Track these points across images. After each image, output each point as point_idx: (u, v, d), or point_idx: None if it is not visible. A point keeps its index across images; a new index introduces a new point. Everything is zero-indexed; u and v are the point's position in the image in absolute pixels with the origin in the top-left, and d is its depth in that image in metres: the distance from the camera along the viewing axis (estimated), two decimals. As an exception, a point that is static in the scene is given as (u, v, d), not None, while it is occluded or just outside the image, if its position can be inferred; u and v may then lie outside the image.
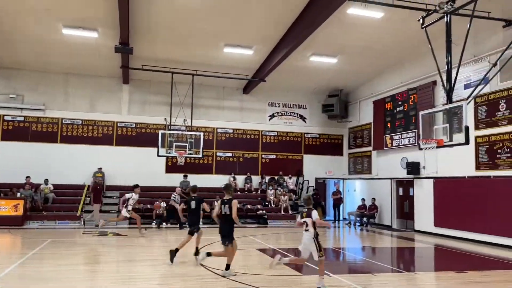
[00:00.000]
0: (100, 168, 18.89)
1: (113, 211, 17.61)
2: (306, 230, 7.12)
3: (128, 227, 16.28)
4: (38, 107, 18.90)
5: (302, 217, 7.25)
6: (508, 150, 12.74)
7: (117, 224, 16.33)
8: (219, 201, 8.40)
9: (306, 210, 7.24)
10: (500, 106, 13.08)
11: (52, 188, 17.94)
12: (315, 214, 7.11)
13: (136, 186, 14.39)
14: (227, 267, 8.01)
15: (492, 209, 12.99)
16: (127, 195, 14.10)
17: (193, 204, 9.84)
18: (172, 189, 19.37)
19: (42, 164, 18.34)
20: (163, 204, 17.55)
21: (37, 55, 17.38)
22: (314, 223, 7.07)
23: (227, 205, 7.99)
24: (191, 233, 9.68)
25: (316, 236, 7.06)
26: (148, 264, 9.42)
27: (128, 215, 14.03)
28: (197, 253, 9.55)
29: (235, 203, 7.95)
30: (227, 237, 8.04)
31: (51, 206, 17.30)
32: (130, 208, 13.91)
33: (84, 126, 19.39)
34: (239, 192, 20.08)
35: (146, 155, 19.31)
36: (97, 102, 19.68)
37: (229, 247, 8.01)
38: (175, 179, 19.62)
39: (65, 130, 19.17)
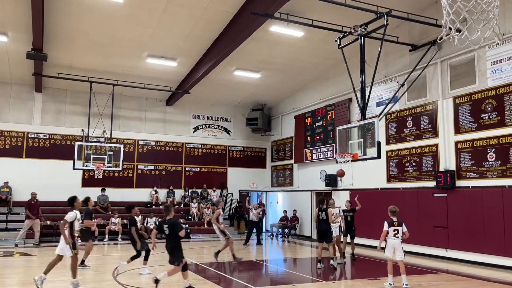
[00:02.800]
0: (7, 182, 17.35)
1: (20, 229, 16.19)
2: (397, 237, 8.57)
3: (39, 246, 15.08)
4: None
5: (392, 226, 8.61)
6: (414, 164, 13.87)
7: (25, 243, 15.10)
8: (316, 209, 11.12)
9: (397, 220, 8.72)
10: (407, 123, 14.23)
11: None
12: (404, 225, 8.71)
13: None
14: (335, 258, 10.79)
15: (400, 218, 13.97)
16: None
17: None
18: (89, 204, 18.35)
19: None
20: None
21: None
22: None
23: (324, 212, 10.84)
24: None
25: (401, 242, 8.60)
26: (58, 285, 8.77)
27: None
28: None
29: (330, 211, 10.95)
30: (328, 237, 10.86)
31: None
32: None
33: (-12, 136, 17.74)
34: (161, 207, 19.55)
35: (60, 168, 18.11)
36: (5, 111, 18.09)
37: (332, 243, 10.91)
38: (92, 193, 18.50)
39: (-35, 141, 17.40)
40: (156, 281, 7.65)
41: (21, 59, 14.72)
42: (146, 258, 9.84)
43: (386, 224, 8.75)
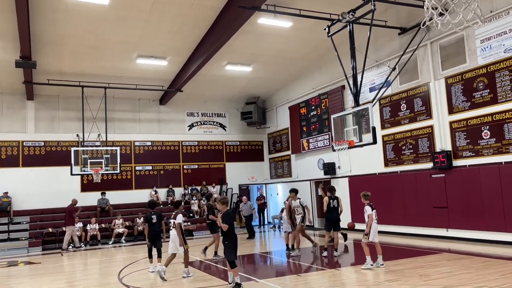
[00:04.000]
0: (6, 193, 17.33)
1: (23, 238, 16.24)
2: (376, 220, 9.13)
3: (42, 253, 15.11)
4: None
5: (373, 209, 9.13)
6: (410, 146, 13.93)
7: (28, 251, 15.12)
8: (326, 198, 11.23)
9: (371, 204, 9.15)
10: (401, 107, 14.26)
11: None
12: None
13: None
14: (336, 250, 10.87)
15: (400, 202, 14.10)
16: None
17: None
18: (90, 208, 18.39)
19: None
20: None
21: None
22: None
23: (335, 200, 11.10)
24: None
25: None
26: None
27: None
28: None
29: (340, 199, 11.31)
30: (337, 225, 11.05)
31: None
32: None
33: (-16, 148, 17.68)
34: (161, 206, 19.59)
35: (58, 175, 18.12)
36: (-2, 121, 18.07)
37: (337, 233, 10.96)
38: (92, 198, 18.63)
39: (-39, 154, 17.34)
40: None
41: (10, 68, 14.62)
42: (160, 256, 9.85)
43: (368, 208, 9.12)
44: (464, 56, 12.19)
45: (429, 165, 13.17)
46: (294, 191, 11.82)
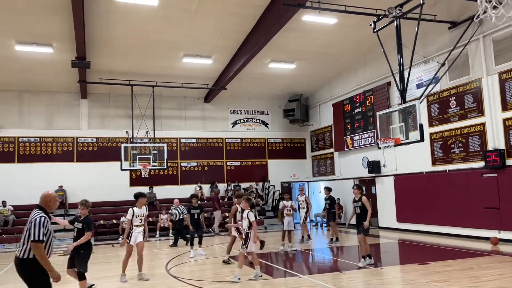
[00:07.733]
0: (61, 186, 18.36)
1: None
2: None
3: (94, 244, 15.84)
4: (-8, 126, 18.21)
5: None
6: (460, 144, 13.45)
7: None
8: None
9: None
10: (450, 103, 13.79)
11: (12, 209, 17.23)
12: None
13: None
14: (369, 256, 9.40)
15: (449, 202, 13.65)
16: None
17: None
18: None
19: (0, 185, 17.62)
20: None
21: (-12, 72, 16.75)
22: None
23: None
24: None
25: None
26: (116, 279, 9.26)
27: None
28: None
29: (365, 200, 9.40)
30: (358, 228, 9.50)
31: (12, 229, 16.62)
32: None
33: (42, 143, 18.79)
34: (205, 201, 20.02)
35: (109, 170, 18.96)
36: (55, 119, 19.14)
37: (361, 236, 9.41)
38: (140, 192, 19.28)
39: (22, 149, 18.50)
40: None
41: (67, 68, 15.45)
42: (200, 242, 11.79)
43: (251, 214, 8.33)
44: (519, 50, 11.63)
45: (480, 164, 12.67)
46: (140, 196, 9.44)
